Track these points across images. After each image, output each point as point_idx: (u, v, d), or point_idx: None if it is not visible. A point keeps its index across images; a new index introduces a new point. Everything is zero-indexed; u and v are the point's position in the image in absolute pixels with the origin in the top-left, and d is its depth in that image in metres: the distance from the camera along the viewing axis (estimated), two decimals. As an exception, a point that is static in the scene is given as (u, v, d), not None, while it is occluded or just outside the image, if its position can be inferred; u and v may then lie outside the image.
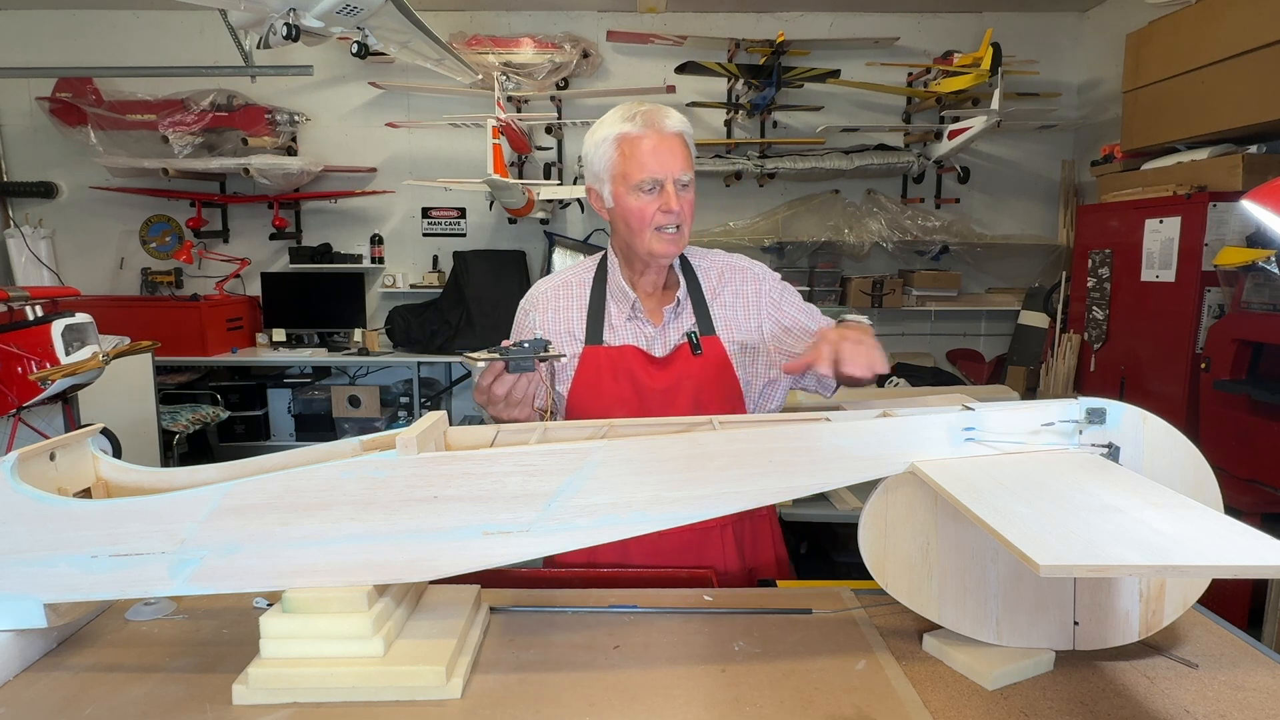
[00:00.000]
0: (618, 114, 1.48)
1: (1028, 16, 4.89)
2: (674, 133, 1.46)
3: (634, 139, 1.44)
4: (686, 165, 1.46)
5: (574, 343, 1.55)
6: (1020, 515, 0.87)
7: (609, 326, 1.55)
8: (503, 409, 1.34)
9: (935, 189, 5.05)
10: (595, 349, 1.53)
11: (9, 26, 4.89)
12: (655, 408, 1.48)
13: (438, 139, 5.04)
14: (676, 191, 1.45)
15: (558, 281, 1.63)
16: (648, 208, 1.46)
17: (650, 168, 1.44)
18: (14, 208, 5.08)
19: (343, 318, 5.01)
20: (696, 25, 4.91)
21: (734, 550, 1.54)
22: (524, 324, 1.63)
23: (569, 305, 1.58)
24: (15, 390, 2.88)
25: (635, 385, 1.50)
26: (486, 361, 1.25)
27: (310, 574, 1.02)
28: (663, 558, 1.51)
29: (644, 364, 1.51)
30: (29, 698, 1.00)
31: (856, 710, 0.96)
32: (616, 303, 1.57)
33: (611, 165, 1.47)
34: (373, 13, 3.01)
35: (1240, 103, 3.20)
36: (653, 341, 1.54)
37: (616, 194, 1.49)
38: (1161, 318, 3.42)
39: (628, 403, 1.49)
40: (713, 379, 1.51)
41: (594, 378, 1.51)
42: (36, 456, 1.05)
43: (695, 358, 1.51)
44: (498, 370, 1.28)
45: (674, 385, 1.50)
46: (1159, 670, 1.05)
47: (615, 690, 1.00)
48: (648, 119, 1.45)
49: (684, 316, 1.56)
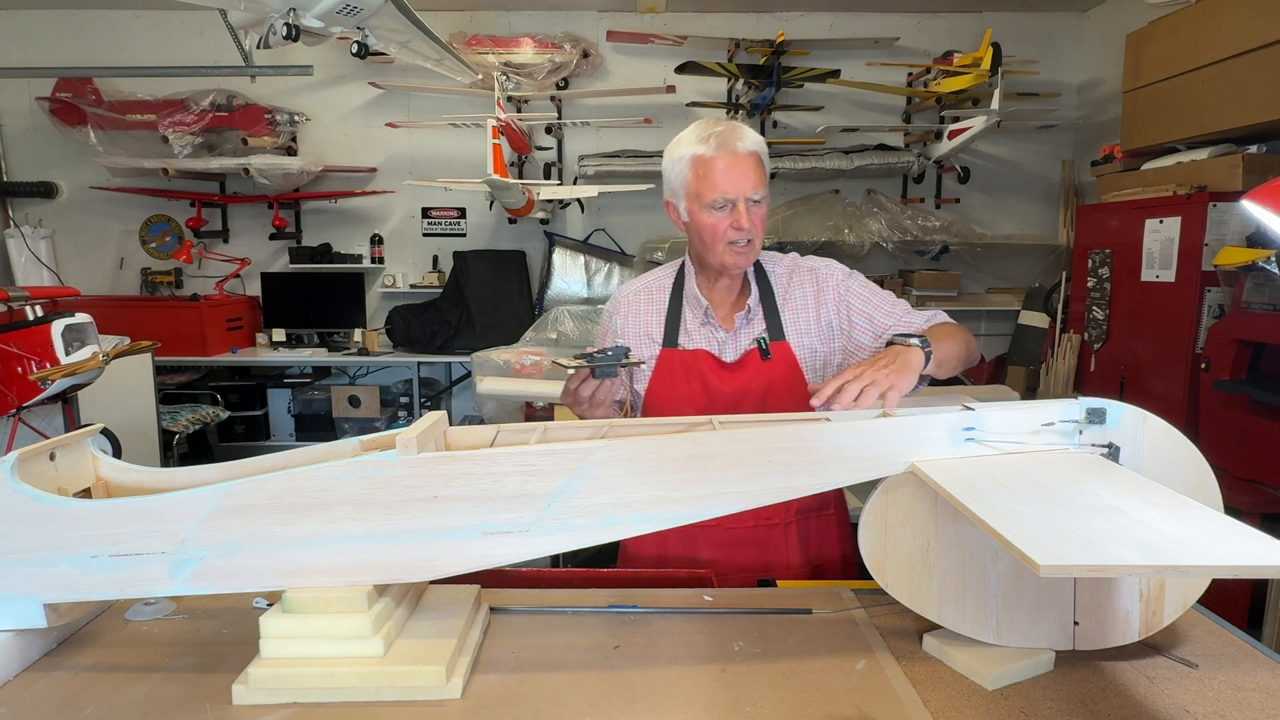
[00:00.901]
0: (693, 133, 1.54)
1: (1028, 16, 4.89)
2: (747, 153, 1.51)
3: (708, 160, 1.50)
4: (758, 183, 1.52)
5: (652, 345, 1.64)
6: (1020, 515, 0.87)
7: (684, 331, 1.63)
8: (587, 409, 1.46)
9: (935, 189, 5.05)
10: (670, 352, 1.62)
11: (9, 26, 4.89)
12: (724, 410, 1.54)
13: (438, 139, 5.04)
14: (748, 209, 1.51)
15: (639, 286, 1.71)
16: (720, 224, 1.52)
17: (723, 188, 1.50)
18: (14, 208, 5.08)
19: (343, 318, 5.01)
20: (696, 25, 4.91)
21: (797, 546, 1.59)
22: (608, 326, 1.72)
23: (649, 309, 1.67)
24: (15, 390, 2.88)
25: (706, 387, 1.58)
26: (576, 368, 1.39)
27: (310, 574, 1.02)
28: (728, 551, 1.57)
29: (714, 368, 1.59)
30: (29, 698, 1.00)
31: (856, 710, 0.96)
32: (691, 309, 1.64)
33: (687, 184, 1.54)
34: (373, 13, 3.00)
35: (1240, 103, 3.20)
36: (724, 346, 1.61)
37: (691, 210, 1.56)
38: (1161, 318, 3.42)
39: (698, 403, 1.57)
40: (781, 383, 1.56)
41: (668, 379, 1.60)
42: (36, 456, 1.05)
43: (764, 363, 1.57)
44: (584, 375, 1.41)
45: (742, 388, 1.56)
46: (1159, 670, 1.05)
47: (615, 690, 1.00)
48: (721, 140, 1.50)
49: (755, 323, 1.61)
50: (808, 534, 1.61)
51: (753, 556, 1.57)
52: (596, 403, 1.44)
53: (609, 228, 5.11)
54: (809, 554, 1.61)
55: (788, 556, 1.58)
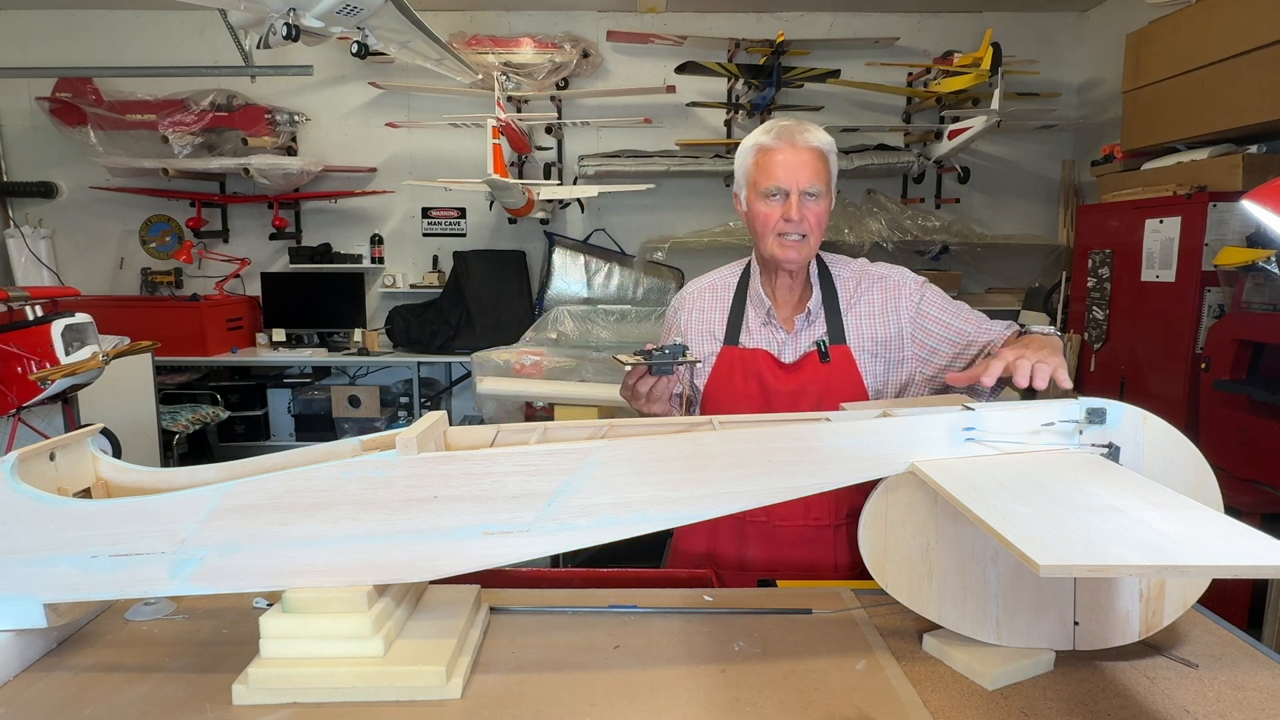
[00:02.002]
0: (762, 127, 1.58)
1: (1028, 16, 4.89)
2: (808, 146, 1.52)
3: (769, 150, 1.53)
4: (816, 178, 1.52)
5: (713, 342, 1.66)
6: (1020, 515, 0.87)
7: (745, 330, 1.65)
8: (644, 404, 1.48)
9: (935, 189, 5.04)
10: (731, 350, 1.63)
11: (9, 26, 4.89)
12: (781, 409, 1.54)
13: (438, 139, 5.04)
14: (800, 202, 1.52)
15: (705, 284, 1.74)
16: (772, 213, 1.54)
17: (778, 176, 1.52)
18: (14, 208, 5.07)
19: (343, 318, 5.01)
20: (696, 25, 4.91)
21: (846, 547, 1.60)
22: (673, 321, 1.75)
23: (712, 307, 1.69)
24: (15, 390, 2.88)
25: (763, 386, 1.58)
26: (633, 364, 1.42)
27: (310, 574, 1.02)
28: (778, 549, 1.59)
29: (772, 367, 1.60)
30: (29, 698, 1.00)
31: (856, 710, 0.96)
32: (754, 307, 1.65)
33: (748, 173, 1.58)
34: (373, 13, 3.00)
35: (1240, 103, 3.20)
36: (784, 347, 1.62)
37: (749, 199, 1.59)
38: (1161, 318, 3.42)
39: (754, 401, 1.58)
40: (839, 387, 1.56)
41: (727, 376, 1.62)
42: (36, 456, 1.05)
43: (823, 365, 1.57)
44: (641, 372, 1.43)
45: (799, 390, 1.57)
46: (1159, 670, 1.05)
47: (615, 690, 1.00)
48: (785, 133, 1.53)
49: (816, 325, 1.62)
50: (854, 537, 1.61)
51: (802, 555, 1.58)
52: (653, 399, 1.46)
53: (609, 228, 5.11)
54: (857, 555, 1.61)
55: (836, 557, 1.59)
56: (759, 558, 1.59)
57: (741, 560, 1.60)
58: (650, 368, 1.41)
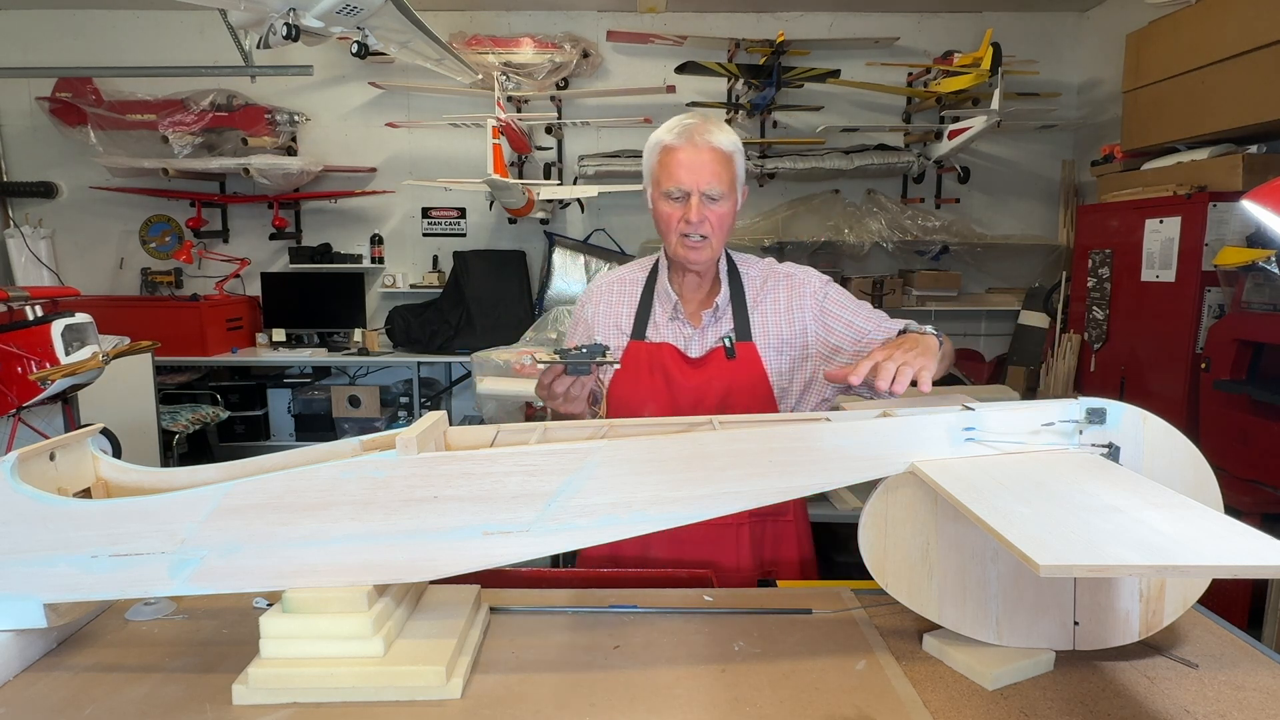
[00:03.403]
0: (668, 124, 1.56)
1: (1028, 16, 4.89)
2: (710, 147, 1.50)
3: (671, 149, 1.52)
4: (718, 179, 1.51)
5: (621, 336, 1.65)
6: (1020, 515, 0.87)
7: (653, 324, 1.64)
8: (560, 404, 1.45)
9: (935, 189, 5.04)
10: (638, 344, 1.63)
11: (9, 26, 4.89)
12: (685, 404, 1.55)
13: (438, 139, 5.04)
14: (702, 204, 1.51)
15: (614, 278, 1.73)
16: (674, 214, 1.54)
17: (679, 177, 1.51)
18: (14, 208, 5.08)
19: (343, 318, 5.01)
20: (696, 25, 4.91)
21: (748, 549, 1.59)
22: (581, 316, 1.73)
23: (620, 301, 1.69)
24: (15, 390, 2.88)
25: (669, 381, 1.58)
26: (548, 363, 1.39)
27: (310, 574, 1.02)
28: (682, 549, 1.56)
29: (678, 362, 1.59)
30: (29, 698, 1.00)
31: (856, 710, 0.96)
32: (661, 303, 1.65)
33: (652, 171, 1.57)
34: (373, 13, 3.00)
35: (1240, 103, 3.20)
36: (690, 342, 1.62)
37: (653, 198, 1.58)
38: (1161, 318, 3.42)
39: (660, 396, 1.58)
40: (744, 383, 1.57)
41: (633, 371, 1.61)
42: (36, 456, 1.05)
43: (728, 361, 1.57)
44: (557, 372, 1.40)
45: (704, 384, 1.57)
46: (1159, 670, 1.05)
47: (615, 690, 1.00)
48: (688, 131, 1.51)
49: (723, 321, 1.62)
50: (761, 537, 1.61)
51: (706, 555, 1.56)
52: (570, 398, 1.43)
53: (609, 228, 5.11)
54: (760, 557, 1.61)
55: (738, 559, 1.58)
56: (662, 558, 1.56)
57: (644, 560, 1.58)
58: (566, 367, 1.38)
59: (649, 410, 1.56)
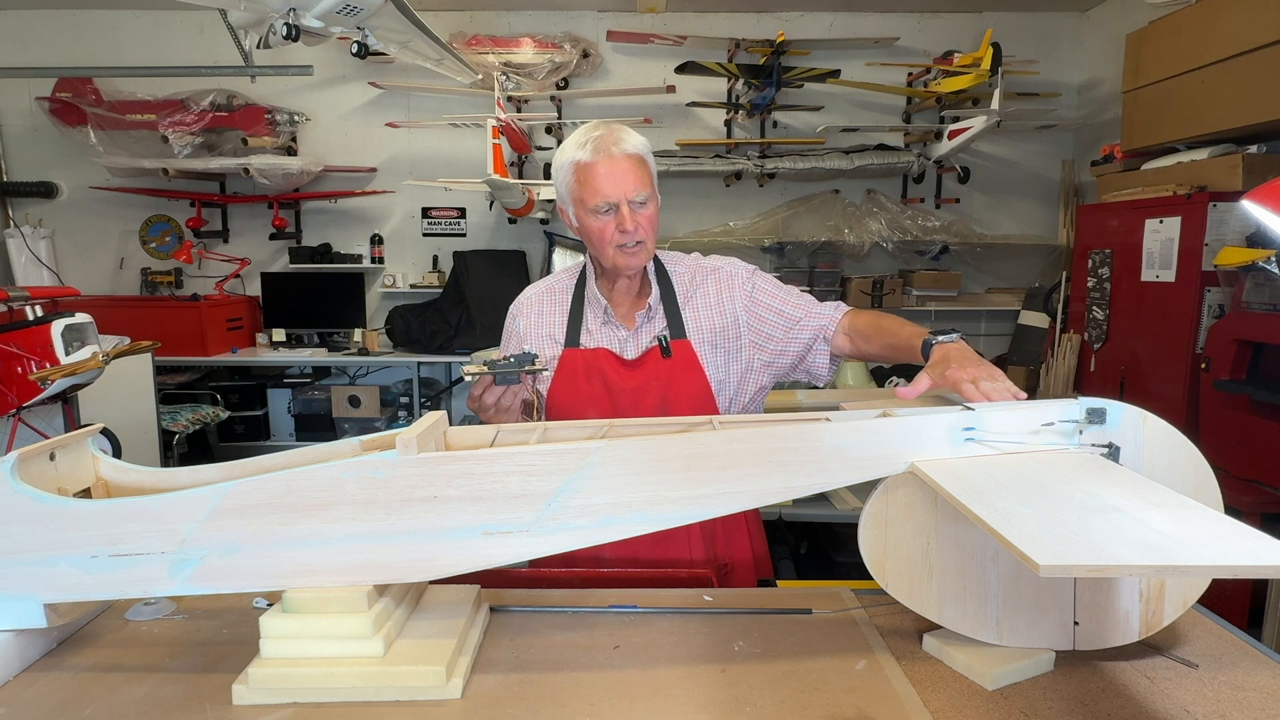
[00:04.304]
0: (574, 140, 1.54)
1: (1028, 16, 4.89)
2: (624, 155, 1.50)
3: (587, 166, 1.50)
4: (641, 184, 1.51)
5: (554, 346, 1.64)
6: (1020, 515, 0.87)
7: (586, 331, 1.64)
8: (492, 415, 1.47)
9: (935, 189, 5.04)
10: (573, 352, 1.62)
11: (9, 26, 4.89)
12: (625, 407, 1.56)
13: (438, 139, 5.04)
14: (631, 211, 1.51)
15: (542, 288, 1.72)
16: (606, 228, 1.53)
17: (604, 192, 1.50)
18: (14, 208, 5.08)
19: (343, 318, 5.01)
20: (696, 25, 4.91)
21: (700, 542, 1.58)
22: (511, 329, 1.72)
23: (551, 311, 1.68)
24: (15, 390, 2.88)
25: (607, 385, 1.58)
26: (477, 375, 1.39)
27: (310, 574, 1.02)
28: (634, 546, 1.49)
29: (615, 366, 1.60)
30: (29, 698, 1.00)
31: (856, 710, 0.96)
32: (592, 309, 1.65)
33: (571, 190, 1.55)
34: (373, 13, 3.01)
35: (1240, 103, 3.20)
36: (625, 345, 1.62)
37: (578, 215, 1.56)
38: (1161, 318, 3.42)
39: (600, 402, 1.57)
40: (681, 380, 1.57)
41: (570, 379, 1.60)
42: (36, 456, 1.05)
43: (665, 360, 1.58)
44: (486, 383, 1.41)
45: (643, 386, 1.57)
46: (1159, 670, 1.05)
47: (615, 690, 1.00)
48: (599, 145, 1.50)
49: (656, 321, 1.63)
50: (712, 532, 1.60)
51: (659, 552, 1.56)
52: (501, 409, 1.45)
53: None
54: (713, 551, 1.61)
55: (690, 552, 1.58)
56: (615, 555, 1.55)
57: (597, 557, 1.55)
58: (494, 378, 1.37)
59: (590, 416, 1.54)
